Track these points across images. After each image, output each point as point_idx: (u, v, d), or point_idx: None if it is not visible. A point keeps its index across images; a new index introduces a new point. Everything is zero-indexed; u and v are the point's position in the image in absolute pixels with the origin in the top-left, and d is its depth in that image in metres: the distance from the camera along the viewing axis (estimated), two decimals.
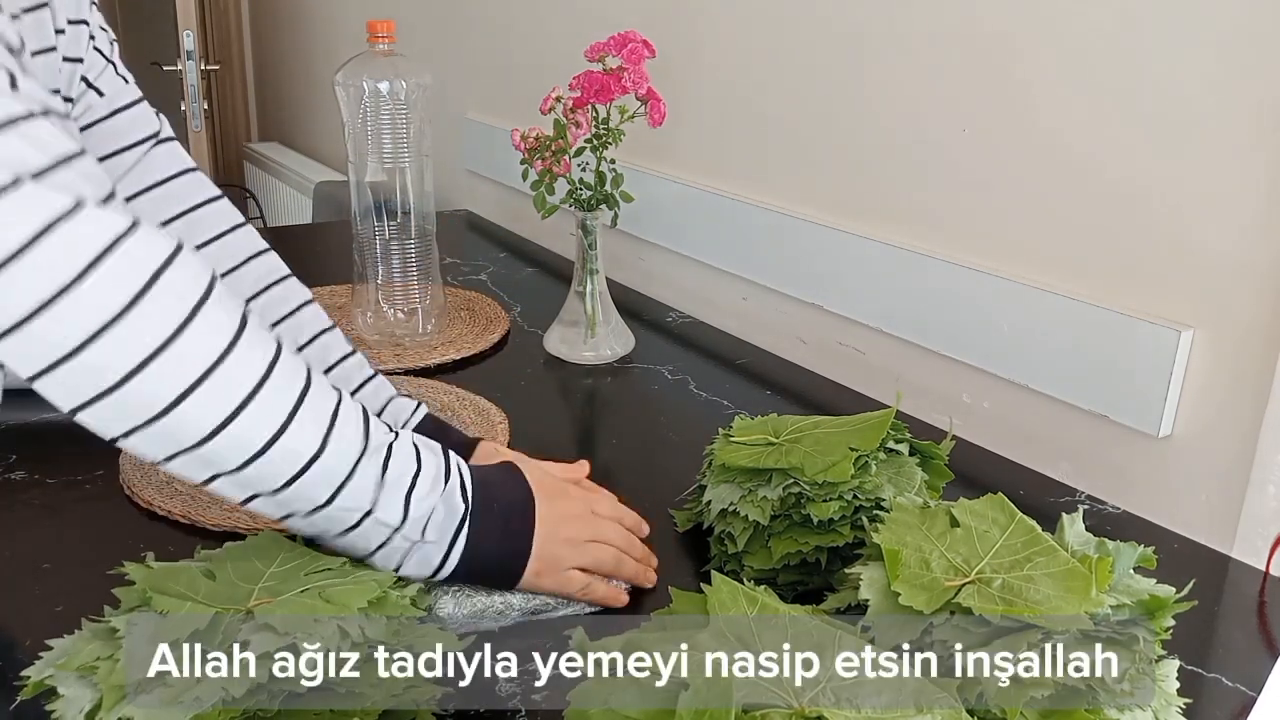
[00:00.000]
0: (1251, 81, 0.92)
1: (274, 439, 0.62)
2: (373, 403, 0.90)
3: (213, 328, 0.58)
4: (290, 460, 0.64)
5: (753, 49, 1.41)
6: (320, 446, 0.64)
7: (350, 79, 1.30)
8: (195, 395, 0.58)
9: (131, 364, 0.55)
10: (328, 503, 0.66)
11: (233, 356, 0.59)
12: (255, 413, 0.60)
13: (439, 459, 0.73)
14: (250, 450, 0.62)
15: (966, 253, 1.18)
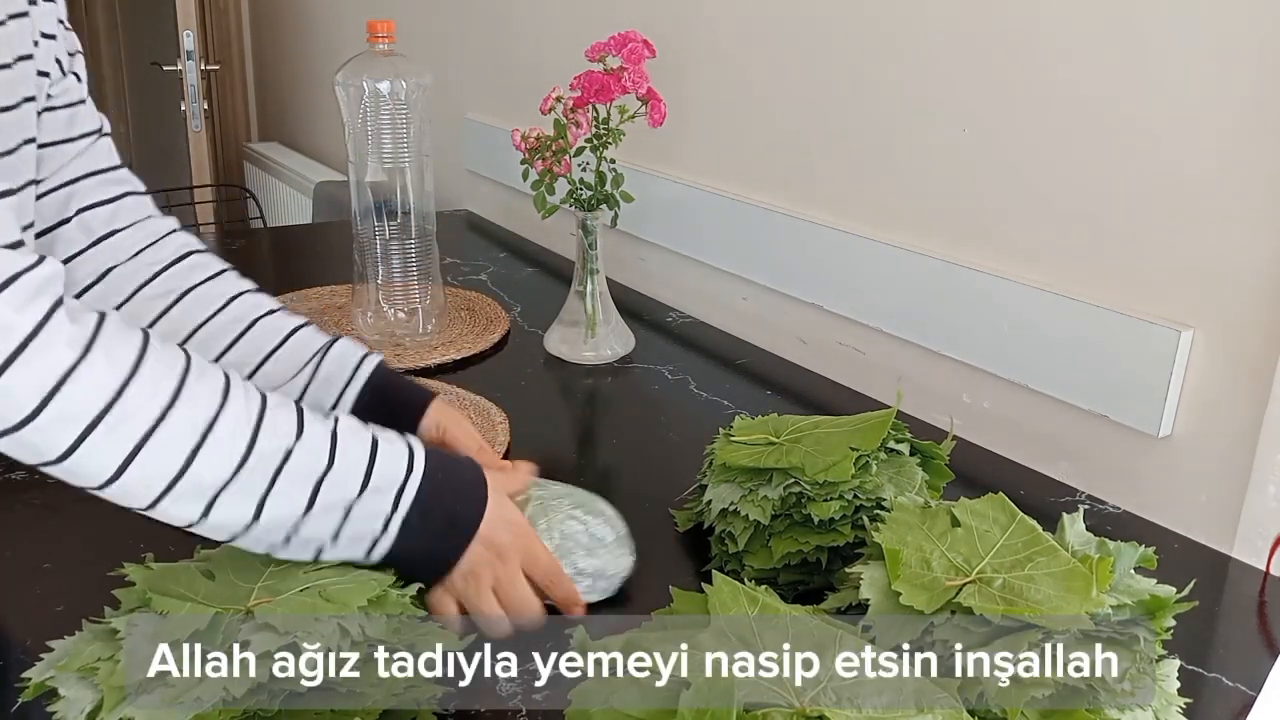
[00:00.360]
0: (1252, 81, 0.92)
1: (127, 463, 0.62)
2: (308, 345, 0.87)
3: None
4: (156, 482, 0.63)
5: (753, 49, 1.41)
6: (183, 467, 0.63)
7: (350, 79, 1.30)
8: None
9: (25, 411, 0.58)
10: (202, 517, 0.65)
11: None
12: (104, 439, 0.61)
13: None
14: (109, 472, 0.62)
15: (966, 253, 1.18)
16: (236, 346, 0.85)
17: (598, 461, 1.11)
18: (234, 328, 0.85)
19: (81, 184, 0.84)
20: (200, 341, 0.85)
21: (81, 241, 0.84)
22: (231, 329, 0.86)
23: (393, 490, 0.69)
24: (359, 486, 0.68)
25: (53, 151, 0.82)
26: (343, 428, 0.69)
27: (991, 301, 1.14)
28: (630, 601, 0.86)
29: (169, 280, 0.86)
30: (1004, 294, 1.13)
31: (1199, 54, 0.96)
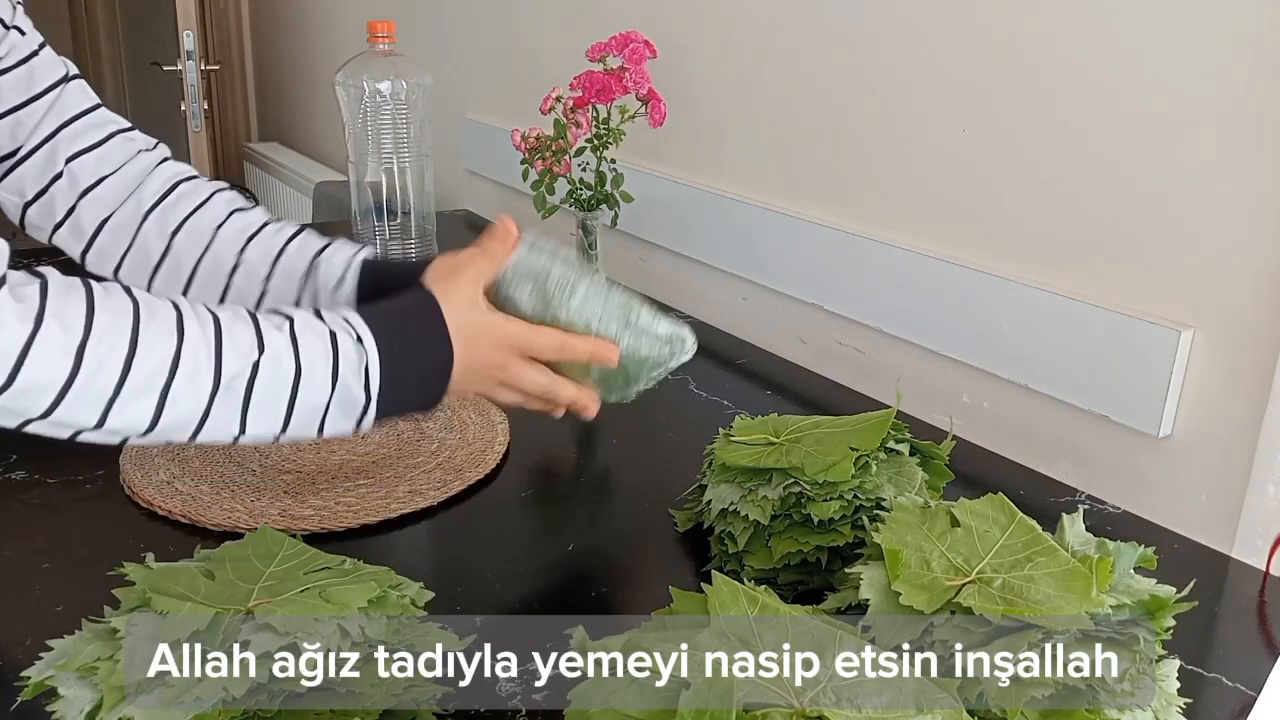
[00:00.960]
0: (1252, 82, 0.92)
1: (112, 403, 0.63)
2: (304, 254, 0.87)
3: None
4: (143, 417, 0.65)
5: (753, 49, 1.41)
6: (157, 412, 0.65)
7: (350, 79, 1.30)
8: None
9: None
10: (192, 438, 0.67)
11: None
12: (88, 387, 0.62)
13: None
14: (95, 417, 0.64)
15: (966, 253, 1.18)
16: (237, 273, 0.85)
17: (598, 461, 1.11)
18: (229, 256, 0.85)
19: (62, 134, 0.84)
20: (203, 277, 0.85)
21: (71, 198, 0.84)
22: (228, 258, 0.86)
23: (360, 377, 0.70)
24: (329, 387, 0.69)
25: (21, 115, 0.82)
26: (299, 326, 0.70)
27: (991, 301, 1.14)
28: (630, 601, 0.86)
29: (160, 219, 0.86)
30: (1004, 294, 1.13)
31: (1198, 53, 0.96)
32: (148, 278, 0.86)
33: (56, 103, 0.83)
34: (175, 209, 0.86)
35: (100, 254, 0.86)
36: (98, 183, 0.85)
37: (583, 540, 0.93)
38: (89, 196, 0.85)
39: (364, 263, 0.86)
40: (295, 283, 0.85)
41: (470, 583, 0.86)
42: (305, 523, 0.92)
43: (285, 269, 0.86)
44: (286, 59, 3.16)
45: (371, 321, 0.72)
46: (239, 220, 0.87)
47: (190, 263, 0.85)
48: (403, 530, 0.94)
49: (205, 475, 1.00)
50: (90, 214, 0.85)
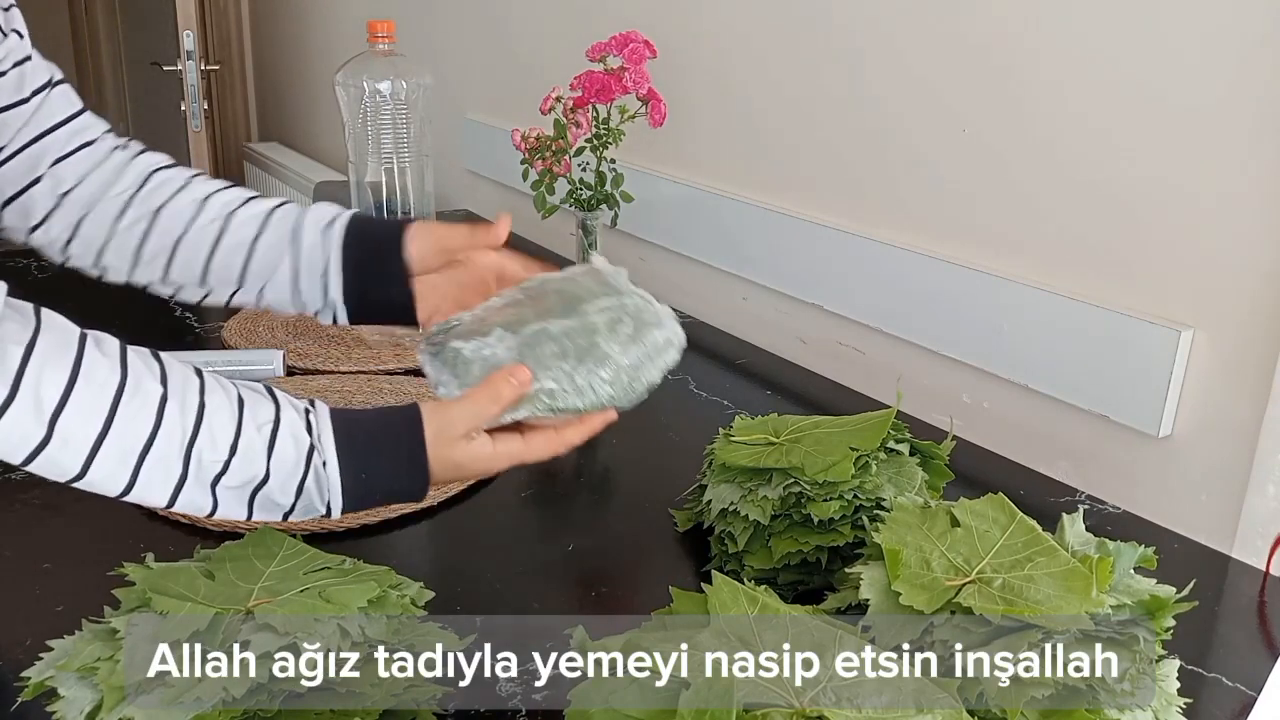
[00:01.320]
0: (1252, 82, 0.92)
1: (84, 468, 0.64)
2: (287, 221, 0.87)
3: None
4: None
5: (754, 50, 1.41)
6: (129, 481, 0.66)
7: (350, 79, 1.30)
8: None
9: None
10: (167, 506, 0.68)
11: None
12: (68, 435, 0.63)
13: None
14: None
15: (967, 252, 1.18)
16: (221, 244, 0.85)
17: (598, 461, 1.11)
18: (211, 231, 0.85)
19: (47, 139, 0.84)
20: (185, 252, 0.85)
21: (50, 201, 0.84)
22: (209, 233, 0.85)
23: (323, 496, 0.70)
24: (292, 497, 0.69)
25: (6, 118, 0.82)
26: (281, 432, 0.69)
27: (991, 301, 1.14)
28: (630, 601, 0.86)
29: (140, 205, 0.86)
30: (1004, 294, 1.13)
31: (1199, 53, 0.96)
32: (129, 262, 0.86)
33: (41, 108, 0.83)
34: (155, 194, 0.86)
35: (83, 244, 0.86)
36: (77, 184, 0.85)
37: (583, 540, 0.93)
38: (69, 197, 0.85)
39: (348, 223, 0.85)
40: (280, 254, 0.85)
41: (470, 583, 0.86)
42: (305, 523, 0.92)
43: (270, 241, 0.85)
44: (286, 59, 3.16)
45: (349, 444, 0.70)
46: (221, 197, 0.87)
47: (170, 244, 0.85)
48: (403, 530, 0.94)
49: None
50: (70, 213, 0.85)
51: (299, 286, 0.85)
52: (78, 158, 0.85)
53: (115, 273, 0.87)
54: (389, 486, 0.71)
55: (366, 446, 0.71)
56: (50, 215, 0.85)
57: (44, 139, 0.84)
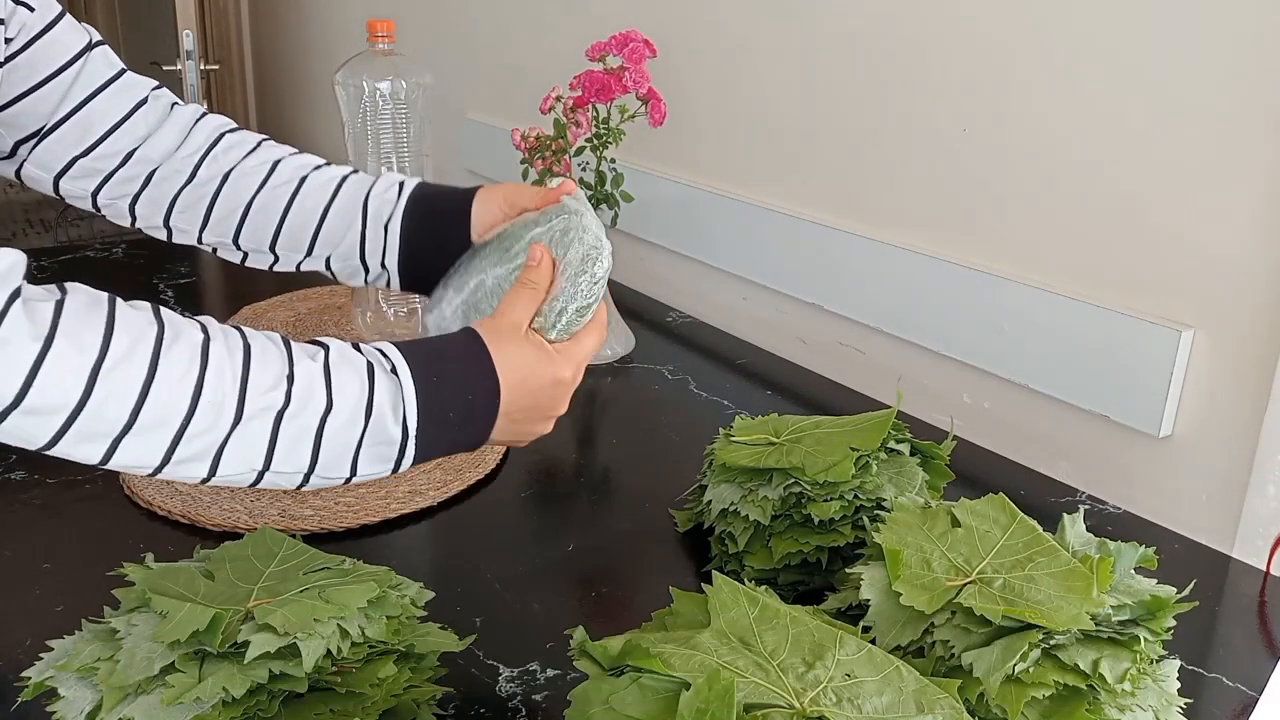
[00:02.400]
0: (1252, 83, 0.92)
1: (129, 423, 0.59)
2: (358, 191, 0.86)
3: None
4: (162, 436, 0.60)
5: (754, 49, 1.41)
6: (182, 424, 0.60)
7: (350, 79, 1.30)
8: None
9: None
10: (207, 478, 0.62)
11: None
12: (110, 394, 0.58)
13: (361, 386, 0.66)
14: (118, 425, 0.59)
15: (967, 252, 1.18)
16: (292, 210, 0.85)
17: (598, 461, 1.11)
18: (284, 192, 0.85)
19: (92, 104, 0.82)
20: (257, 212, 0.85)
21: (112, 162, 0.84)
22: (282, 194, 0.85)
23: (397, 413, 0.65)
24: (362, 422, 0.64)
25: (46, 90, 0.81)
26: (334, 358, 0.65)
27: (991, 301, 1.14)
28: (630, 601, 0.86)
29: (211, 166, 0.85)
30: (1004, 294, 1.13)
31: (1199, 53, 0.96)
32: (199, 223, 0.86)
33: (82, 73, 0.82)
34: (226, 156, 0.86)
35: (151, 204, 0.85)
36: (139, 144, 0.84)
37: (583, 540, 0.93)
38: (135, 156, 0.84)
39: (412, 193, 0.85)
40: (351, 217, 0.85)
41: (470, 583, 0.86)
42: (305, 523, 0.92)
43: (343, 204, 0.85)
44: (286, 59, 3.16)
45: (410, 355, 0.67)
46: (292, 161, 0.87)
47: (243, 203, 0.85)
48: (403, 530, 0.94)
49: None
50: (135, 171, 0.85)
51: (364, 256, 0.85)
52: (135, 119, 0.84)
53: (183, 234, 0.87)
54: (462, 395, 0.68)
55: (428, 354, 0.68)
56: (112, 176, 0.84)
57: (90, 102, 0.82)
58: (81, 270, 1.64)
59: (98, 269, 1.66)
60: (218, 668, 0.60)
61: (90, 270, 1.65)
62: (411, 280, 0.86)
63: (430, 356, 0.68)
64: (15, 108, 0.80)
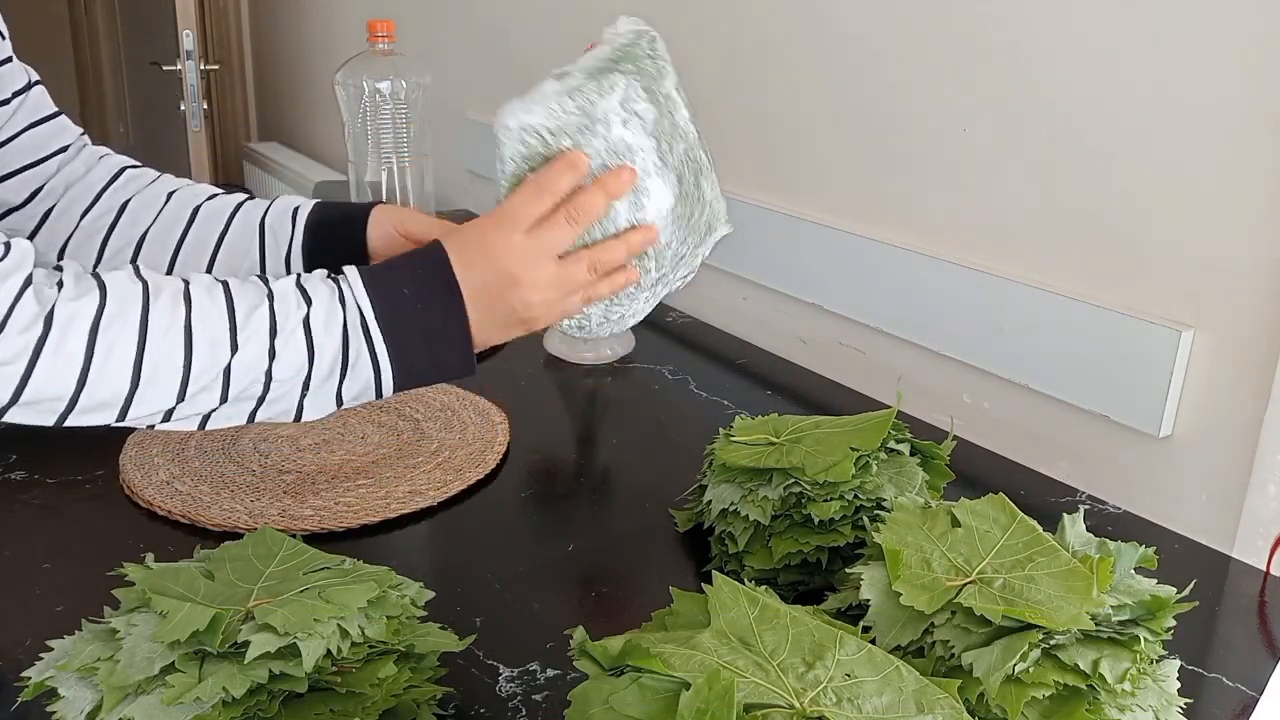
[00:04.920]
0: (1253, 83, 0.92)
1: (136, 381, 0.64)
2: (253, 213, 0.88)
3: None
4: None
5: (753, 49, 1.41)
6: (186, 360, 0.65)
7: (350, 79, 1.30)
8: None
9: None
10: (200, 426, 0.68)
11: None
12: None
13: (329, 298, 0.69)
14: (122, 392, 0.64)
15: (966, 253, 1.18)
16: (187, 240, 0.86)
17: (598, 461, 1.11)
18: (179, 222, 0.86)
19: (22, 139, 0.84)
20: (151, 244, 0.86)
21: (21, 194, 0.85)
22: (177, 224, 0.86)
23: (352, 307, 0.68)
24: (340, 365, 0.68)
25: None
26: (303, 276, 0.70)
27: (991, 301, 1.14)
28: (630, 601, 0.86)
29: (109, 199, 0.87)
30: (1004, 294, 1.13)
31: (1199, 53, 0.96)
32: (95, 253, 0.86)
33: (21, 108, 0.84)
34: (123, 189, 0.88)
35: (48, 238, 0.86)
36: (46, 182, 0.86)
37: (583, 540, 0.93)
38: (40, 194, 0.86)
39: (311, 211, 0.87)
40: (247, 242, 0.86)
41: (470, 583, 0.86)
42: (305, 523, 0.92)
43: (238, 230, 0.86)
44: (286, 59, 3.16)
45: (369, 270, 0.71)
46: (186, 192, 0.88)
47: (137, 235, 0.86)
48: (403, 530, 0.94)
49: (205, 475, 1.00)
50: (37, 208, 0.86)
51: (264, 266, 0.86)
52: (53, 161, 0.86)
53: (79, 261, 0.88)
54: (413, 273, 0.69)
55: (385, 267, 0.71)
56: (13, 211, 0.85)
57: (21, 136, 0.84)
58: None
59: None
60: (218, 668, 0.60)
61: None
62: None
63: (387, 266, 0.71)
64: None
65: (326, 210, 0.87)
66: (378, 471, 1.02)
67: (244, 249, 0.86)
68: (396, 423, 1.12)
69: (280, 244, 0.85)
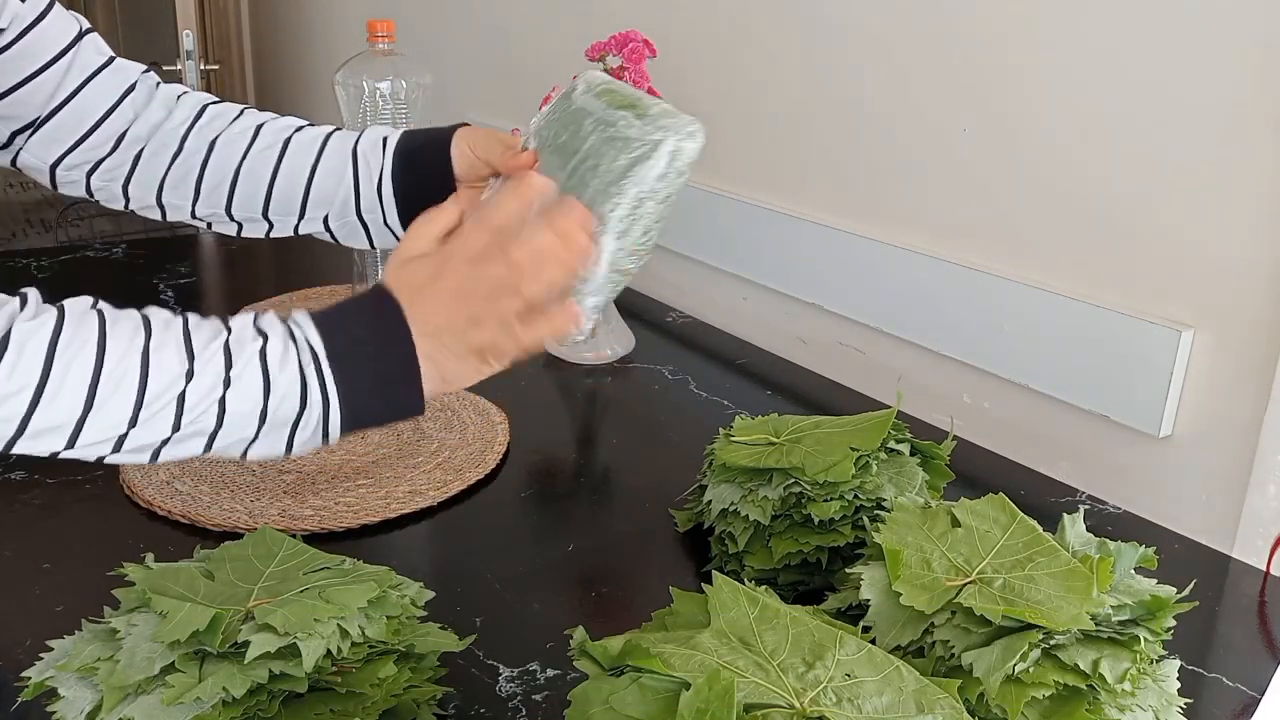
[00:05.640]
0: (1253, 83, 0.92)
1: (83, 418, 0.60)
2: (343, 146, 0.86)
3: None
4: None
5: (753, 49, 1.41)
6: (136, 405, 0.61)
7: (350, 78, 1.30)
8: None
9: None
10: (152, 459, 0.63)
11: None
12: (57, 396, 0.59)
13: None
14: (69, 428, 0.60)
15: (967, 253, 1.18)
16: (280, 172, 0.85)
17: (598, 461, 1.11)
18: (270, 155, 0.85)
19: (85, 91, 0.84)
20: (246, 176, 0.85)
21: (106, 146, 0.85)
22: (268, 157, 0.85)
23: (303, 347, 0.64)
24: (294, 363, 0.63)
25: (40, 81, 0.82)
26: (256, 317, 0.65)
27: (991, 301, 1.14)
28: (630, 601, 0.86)
29: (197, 137, 0.86)
30: (1004, 294, 1.13)
31: (1200, 54, 0.96)
32: (191, 191, 0.86)
33: (74, 63, 0.83)
34: (209, 127, 0.87)
35: (142, 183, 0.86)
36: (129, 126, 0.85)
37: (583, 540, 0.93)
38: (125, 138, 0.85)
39: (397, 147, 0.85)
40: (340, 172, 0.85)
41: (470, 583, 0.86)
42: (305, 523, 0.92)
43: (330, 162, 0.85)
44: (286, 59, 3.16)
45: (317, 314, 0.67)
46: (275, 124, 0.87)
47: (231, 169, 0.85)
48: (403, 530, 0.94)
49: (205, 475, 1.00)
50: (126, 153, 0.86)
51: (360, 212, 0.85)
52: (125, 104, 0.85)
53: (176, 210, 0.88)
54: (362, 316, 0.65)
55: (331, 309, 0.67)
56: (104, 161, 0.85)
57: (84, 90, 0.84)
58: (81, 270, 1.64)
59: (98, 269, 1.66)
60: (218, 668, 0.60)
61: (90, 270, 1.65)
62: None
63: (332, 309, 0.66)
64: (10, 99, 0.81)
65: (413, 137, 0.86)
66: (378, 471, 1.02)
67: (338, 176, 0.85)
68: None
69: (373, 171, 0.84)
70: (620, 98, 0.73)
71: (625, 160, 0.69)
